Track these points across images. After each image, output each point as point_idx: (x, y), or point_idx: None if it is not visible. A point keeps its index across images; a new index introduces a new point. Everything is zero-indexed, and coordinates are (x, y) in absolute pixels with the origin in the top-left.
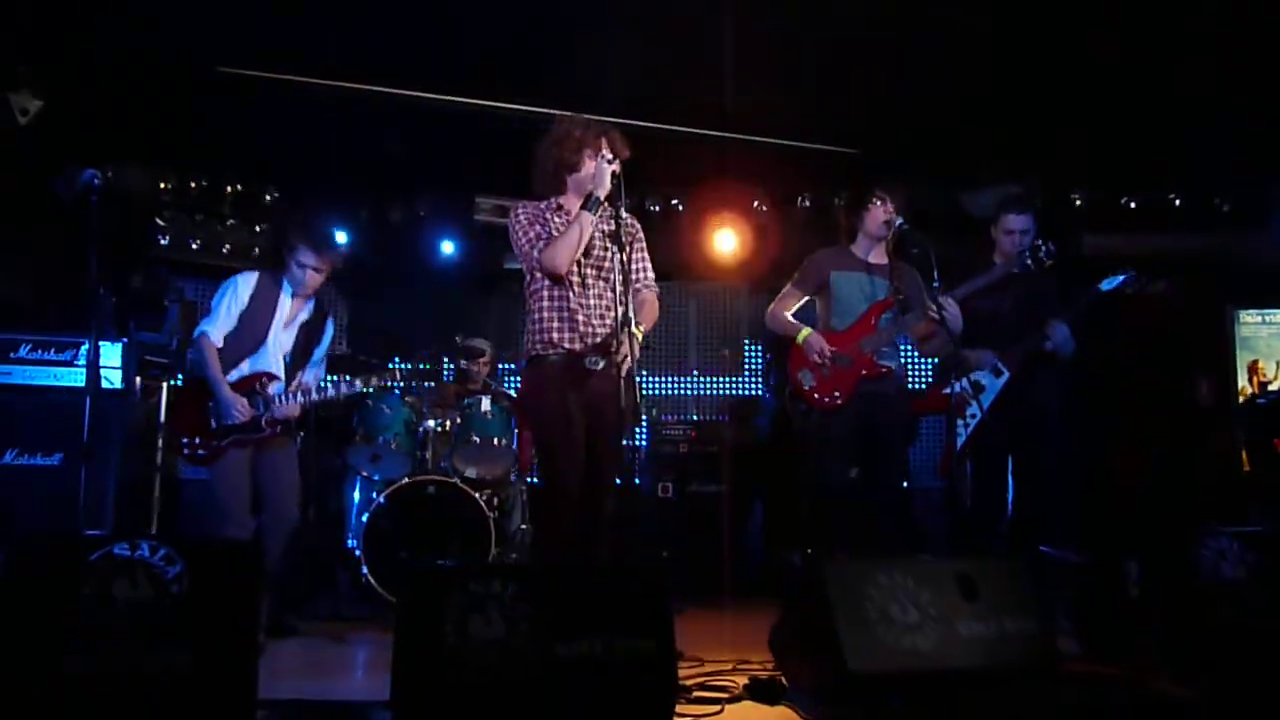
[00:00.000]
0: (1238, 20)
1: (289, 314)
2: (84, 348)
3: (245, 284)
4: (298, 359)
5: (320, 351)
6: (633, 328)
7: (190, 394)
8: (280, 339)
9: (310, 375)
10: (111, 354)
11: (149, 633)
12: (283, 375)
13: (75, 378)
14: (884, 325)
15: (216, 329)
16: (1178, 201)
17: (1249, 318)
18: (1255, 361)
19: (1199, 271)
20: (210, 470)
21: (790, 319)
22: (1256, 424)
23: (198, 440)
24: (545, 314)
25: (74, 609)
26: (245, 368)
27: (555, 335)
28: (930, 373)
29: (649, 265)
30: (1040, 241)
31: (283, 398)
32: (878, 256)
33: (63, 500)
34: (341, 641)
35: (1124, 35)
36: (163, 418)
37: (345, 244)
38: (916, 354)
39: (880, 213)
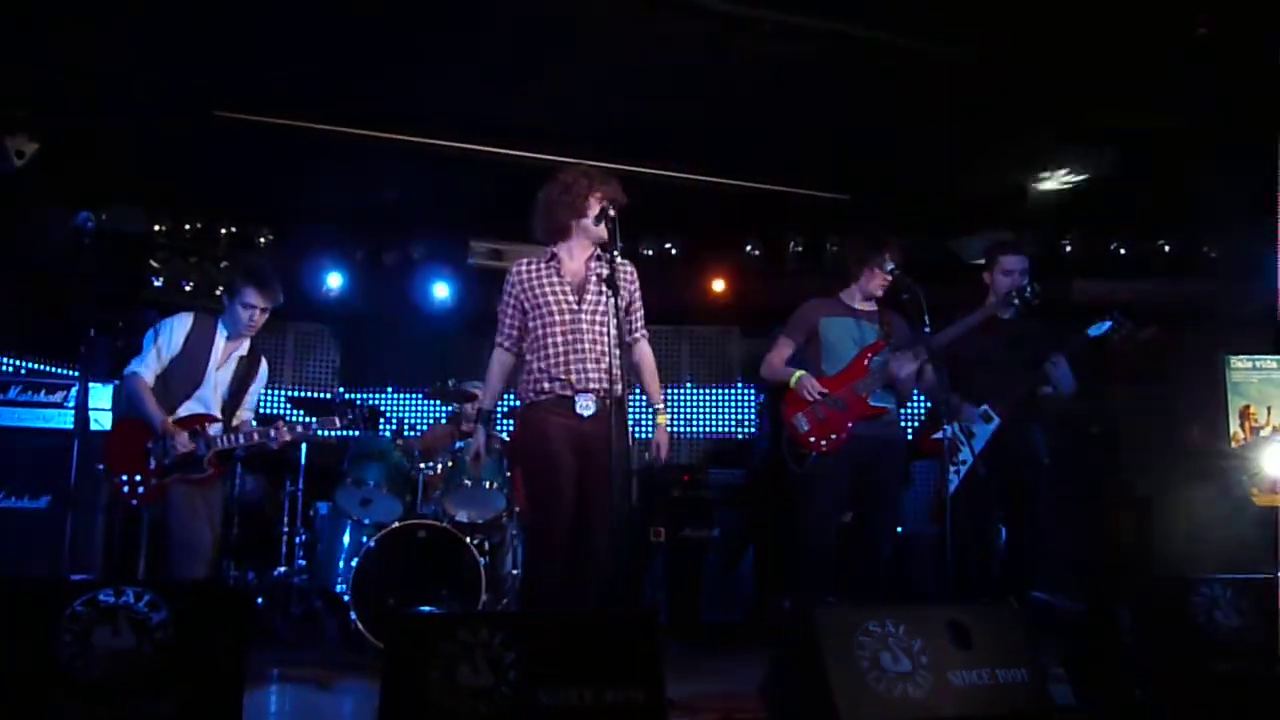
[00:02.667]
0: (1222, 70)
1: (222, 355)
2: (74, 389)
3: (180, 326)
4: (233, 399)
5: (255, 391)
6: (658, 417)
7: (125, 432)
8: (216, 380)
9: (247, 415)
10: (102, 396)
11: (130, 682)
12: (219, 416)
13: (65, 419)
14: (876, 367)
15: (147, 368)
16: (1166, 248)
17: (1239, 364)
18: (1247, 407)
19: (1189, 317)
20: (153, 510)
21: (784, 366)
22: None
23: (137, 478)
24: (537, 361)
25: (55, 657)
26: (182, 411)
27: (548, 382)
28: (922, 416)
29: (642, 313)
30: (1025, 284)
31: (223, 439)
32: (866, 304)
33: (51, 544)
34: (328, 689)
35: (1113, 83)
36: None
37: (278, 286)
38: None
39: (883, 277)
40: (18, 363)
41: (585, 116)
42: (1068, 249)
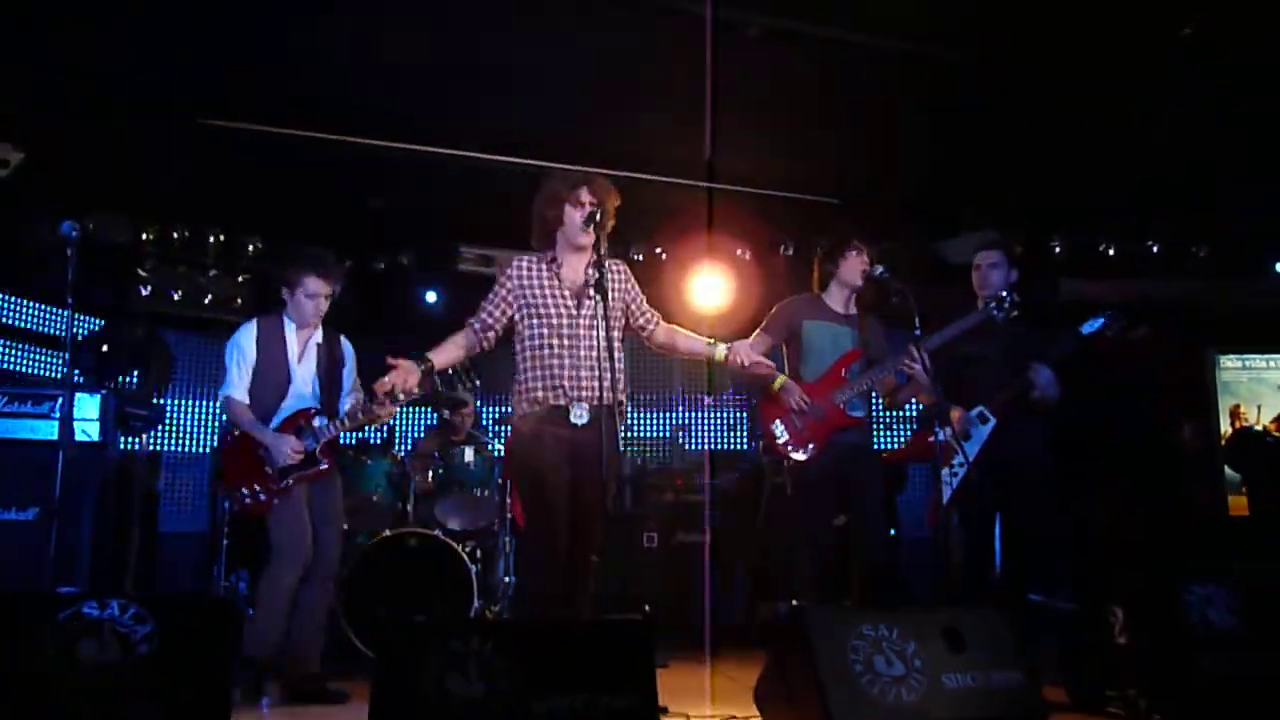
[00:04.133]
0: (1211, 69)
1: (300, 348)
2: (60, 400)
3: (247, 336)
4: (327, 387)
5: (349, 374)
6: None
7: (239, 448)
8: (303, 374)
9: (350, 401)
10: (89, 406)
11: (113, 695)
12: (320, 407)
13: (52, 430)
14: (853, 377)
15: (235, 388)
16: (1155, 248)
17: (1229, 363)
18: (1237, 406)
19: (1178, 317)
20: (272, 515)
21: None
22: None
23: (257, 487)
24: (531, 369)
25: (38, 671)
26: (284, 412)
27: (540, 392)
28: (911, 422)
29: (644, 301)
30: (1004, 293)
31: (329, 427)
32: (849, 307)
33: (38, 556)
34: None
35: (1101, 82)
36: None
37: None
38: (883, 408)
39: (857, 262)
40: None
41: (573, 120)
42: (1056, 249)
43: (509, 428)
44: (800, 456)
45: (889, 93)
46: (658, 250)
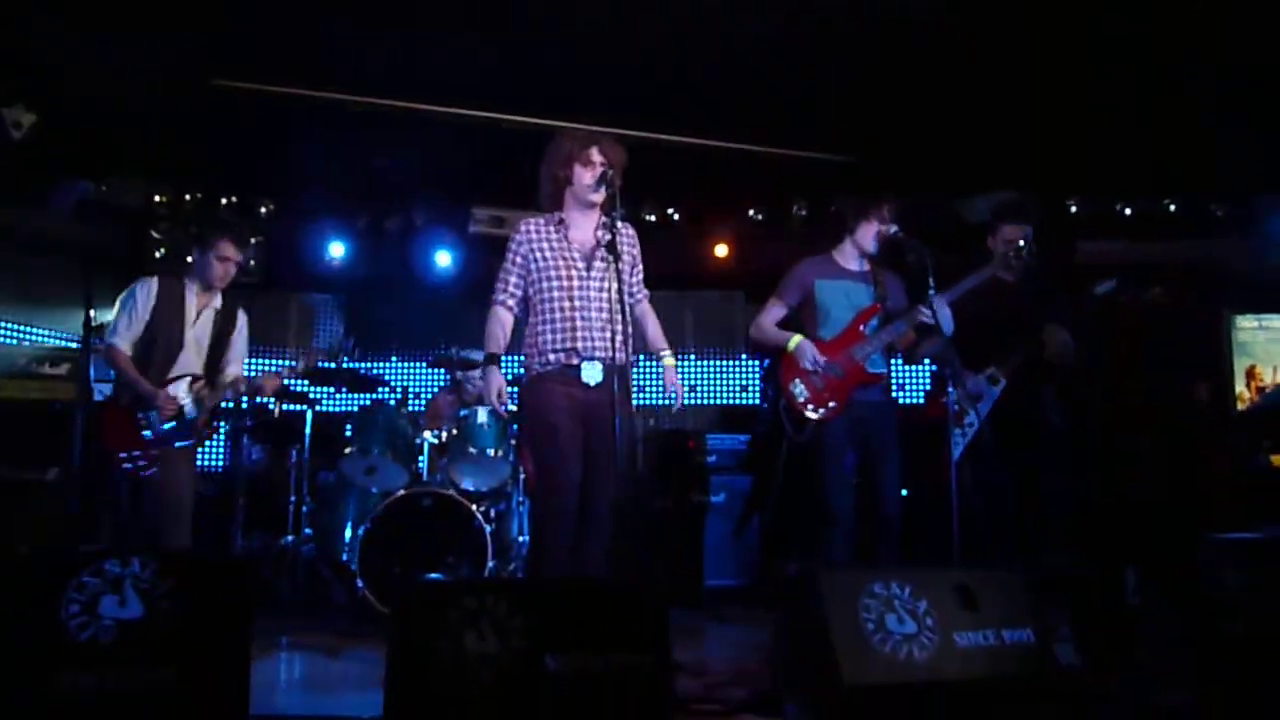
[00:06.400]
0: (1230, 29)
1: (195, 313)
2: (78, 361)
3: (146, 291)
4: (215, 357)
5: (239, 345)
6: (666, 358)
7: (114, 410)
8: (195, 337)
9: (234, 369)
10: (106, 367)
11: (138, 650)
12: (202, 375)
13: (70, 391)
14: (871, 332)
15: (121, 338)
16: (1172, 207)
17: (1245, 323)
18: (1253, 366)
19: (1195, 277)
20: (152, 480)
21: (777, 329)
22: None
23: (136, 453)
24: (542, 329)
25: (62, 627)
26: (170, 373)
27: (553, 353)
28: (927, 380)
29: (642, 274)
30: (1021, 242)
31: (211, 396)
32: (861, 264)
33: (57, 515)
34: (336, 656)
35: (1118, 42)
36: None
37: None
38: (903, 363)
39: (877, 228)
40: (22, 334)
41: (586, 80)
42: (1073, 210)
43: (520, 388)
44: (818, 415)
45: (904, 48)
46: (669, 211)
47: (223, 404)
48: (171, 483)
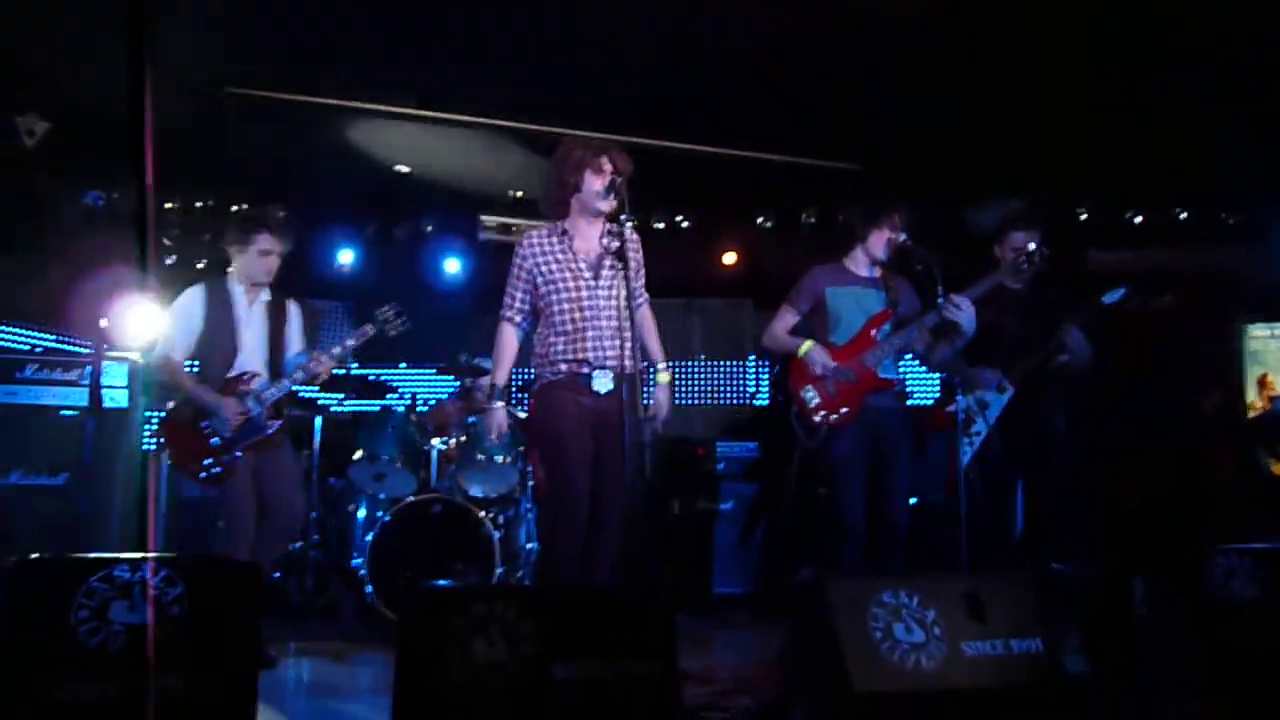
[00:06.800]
0: (1240, 34)
1: (246, 308)
2: (90, 368)
3: (195, 300)
4: (274, 351)
5: (295, 334)
6: (660, 376)
7: (178, 422)
8: (250, 336)
9: (297, 362)
10: (117, 374)
11: (147, 656)
12: (265, 371)
13: (81, 398)
14: (883, 338)
15: (175, 350)
16: (1183, 215)
17: (1258, 331)
18: (1264, 375)
19: (1206, 286)
20: (224, 489)
21: (789, 336)
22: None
23: (207, 461)
24: (553, 339)
25: (71, 632)
26: (231, 375)
27: (564, 362)
28: (936, 387)
29: (643, 279)
30: (1032, 246)
31: (272, 389)
32: (873, 270)
33: (68, 520)
34: (344, 662)
35: (1128, 48)
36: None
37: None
38: (922, 368)
39: (888, 236)
40: (34, 340)
41: (594, 88)
42: (1082, 217)
43: (530, 396)
44: (830, 420)
45: (917, 58)
46: (678, 218)
47: (290, 392)
48: (273, 474)
